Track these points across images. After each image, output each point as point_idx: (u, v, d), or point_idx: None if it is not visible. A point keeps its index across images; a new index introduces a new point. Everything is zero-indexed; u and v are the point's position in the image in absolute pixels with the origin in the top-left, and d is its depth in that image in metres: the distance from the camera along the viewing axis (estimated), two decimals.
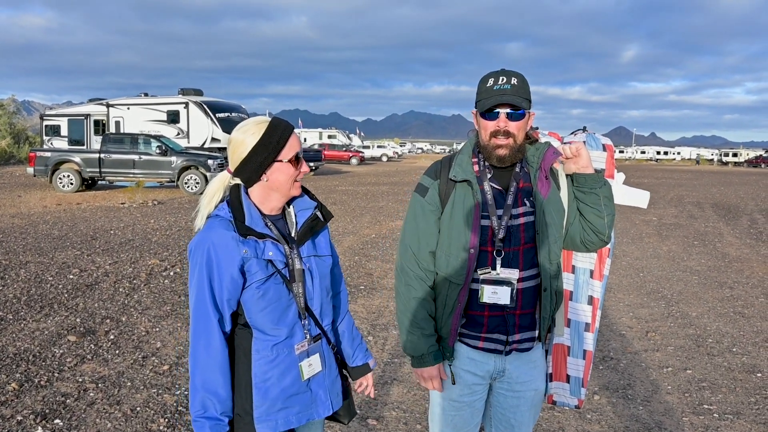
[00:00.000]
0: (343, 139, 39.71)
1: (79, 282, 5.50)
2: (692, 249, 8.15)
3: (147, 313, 4.63)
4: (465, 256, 1.56)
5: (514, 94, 1.53)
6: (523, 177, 1.61)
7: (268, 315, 1.39)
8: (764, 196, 16.97)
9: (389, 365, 3.70)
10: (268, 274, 1.38)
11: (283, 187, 1.43)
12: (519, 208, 1.59)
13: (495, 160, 1.57)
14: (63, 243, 7.40)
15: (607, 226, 1.62)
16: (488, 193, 1.58)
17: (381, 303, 5.12)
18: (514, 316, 1.60)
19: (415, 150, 79.04)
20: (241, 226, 1.37)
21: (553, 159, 1.60)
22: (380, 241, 8.15)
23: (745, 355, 4.01)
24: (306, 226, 1.48)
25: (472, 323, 1.62)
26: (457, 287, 1.59)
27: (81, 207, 11.28)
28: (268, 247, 1.39)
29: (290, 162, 1.42)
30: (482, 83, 1.59)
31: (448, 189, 1.62)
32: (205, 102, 17.92)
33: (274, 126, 1.41)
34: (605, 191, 1.62)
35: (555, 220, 1.60)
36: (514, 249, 1.57)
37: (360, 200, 13.32)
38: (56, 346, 3.88)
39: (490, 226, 1.56)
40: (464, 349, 1.65)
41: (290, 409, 1.45)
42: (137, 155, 14.27)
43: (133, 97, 19.26)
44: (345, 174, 23.91)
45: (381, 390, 3.35)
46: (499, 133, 1.54)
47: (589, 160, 1.61)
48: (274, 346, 1.41)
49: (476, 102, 1.60)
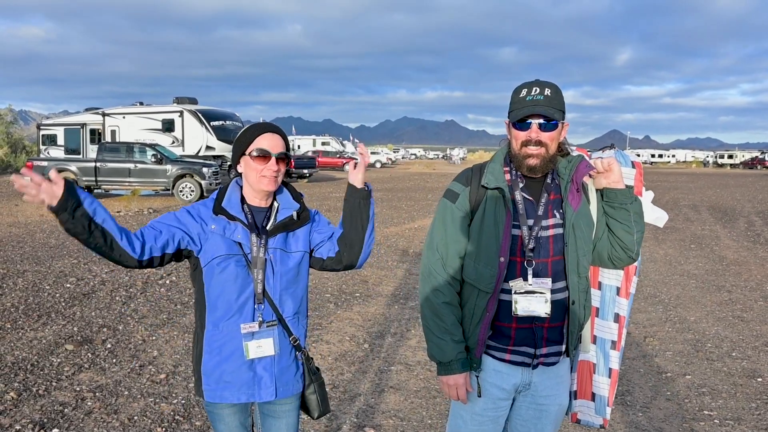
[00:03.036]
0: (337, 145, 39.78)
1: (76, 291, 5.48)
2: (689, 252, 8.18)
3: (143, 322, 4.61)
4: (494, 264, 1.55)
5: (547, 105, 1.53)
6: (554, 189, 1.61)
7: (222, 290, 1.56)
8: (761, 198, 17.05)
9: (386, 373, 3.70)
10: (231, 254, 1.56)
11: (249, 178, 1.60)
12: (549, 219, 1.58)
13: (526, 169, 1.57)
14: (60, 252, 7.37)
15: (636, 242, 1.61)
16: (519, 203, 1.58)
17: (376, 310, 5.11)
18: (543, 329, 1.58)
19: (408, 156, 79.21)
20: (217, 206, 1.58)
21: (585, 172, 1.59)
22: (375, 248, 8.15)
23: (745, 360, 4.02)
24: (281, 223, 1.63)
25: (499, 335, 1.60)
26: (485, 296, 1.57)
27: None
28: (238, 230, 1.57)
29: (253, 157, 1.58)
30: (515, 94, 1.59)
31: (479, 196, 1.62)
32: (199, 110, 17.95)
33: (254, 126, 1.63)
34: (636, 207, 1.61)
35: (584, 233, 1.59)
36: (542, 260, 1.56)
37: None
38: (54, 355, 3.86)
39: (520, 235, 1.56)
40: (490, 362, 1.62)
41: (230, 384, 1.60)
42: (133, 164, 14.27)
43: (128, 106, 19.29)
44: (339, 181, 23.92)
45: (378, 398, 3.34)
46: (531, 142, 1.54)
47: (621, 175, 1.60)
48: (223, 323, 1.58)
49: (509, 112, 1.61)
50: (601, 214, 1.64)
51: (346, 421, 3.04)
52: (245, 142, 1.60)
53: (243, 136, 1.62)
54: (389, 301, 5.39)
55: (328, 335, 4.41)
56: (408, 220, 11.22)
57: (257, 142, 1.59)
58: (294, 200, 1.68)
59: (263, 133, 1.60)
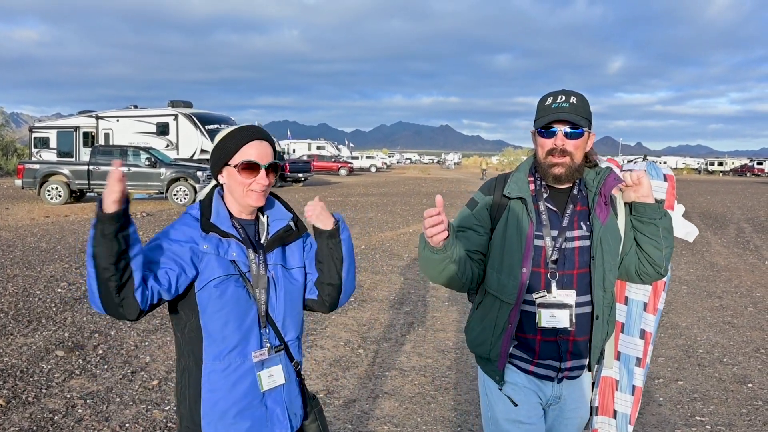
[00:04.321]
0: (332, 150, 39.79)
1: (68, 296, 5.42)
2: (681, 258, 8.25)
3: (136, 327, 4.57)
4: (517, 274, 1.52)
5: (572, 112, 1.50)
6: (581, 200, 1.57)
7: (223, 317, 1.33)
8: (750, 205, 17.25)
9: (380, 378, 3.69)
10: (228, 274, 1.34)
11: (234, 192, 1.40)
12: (574, 231, 1.54)
13: (551, 178, 1.54)
14: (51, 256, 7.30)
15: (665, 258, 1.57)
16: (543, 213, 1.54)
17: (371, 315, 5.11)
18: (568, 342, 1.54)
19: (403, 160, 79.40)
20: (206, 222, 1.36)
21: (614, 185, 1.55)
22: (370, 253, 8.15)
23: (736, 366, 4.05)
24: (277, 235, 1.44)
25: (524, 347, 1.57)
26: (508, 307, 1.54)
27: (69, 219, 11.15)
28: (232, 248, 1.36)
29: (239, 169, 1.36)
30: (541, 102, 1.57)
31: (501, 205, 1.58)
32: (194, 114, 17.91)
33: (238, 131, 1.41)
34: (665, 223, 1.56)
35: (611, 247, 1.54)
36: (567, 272, 1.53)
37: (349, 211, 13.32)
38: (44, 361, 3.82)
39: (543, 246, 1.52)
40: (516, 372, 1.60)
41: (241, 425, 1.35)
42: (126, 167, 14.17)
43: (122, 109, 19.20)
44: (334, 185, 23.92)
45: (372, 404, 3.33)
46: (556, 151, 1.51)
47: (650, 189, 1.55)
48: (227, 354, 1.34)
49: (535, 120, 1.58)
50: (629, 228, 1.60)
51: (341, 427, 3.02)
52: (229, 151, 1.38)
53: (226, 142, 1.39)
54: (384, 306, 5.39)
55: (322, 340, 4.40)
56: (403, 225, 11.22)
57: (244, 151, 1.37)
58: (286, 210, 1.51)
59: (251, 141, 1.38)
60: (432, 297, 5.76)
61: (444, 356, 4.11)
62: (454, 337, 4.54)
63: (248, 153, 1.38)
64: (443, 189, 22.42)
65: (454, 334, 4.60)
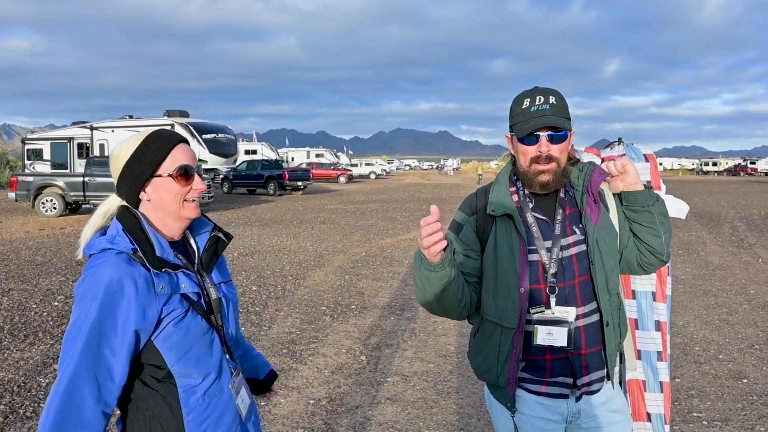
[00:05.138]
0: (331, 157, 39.84)
1: (65, 309, 5.38)
2: (677, 258, 8.29)
3: None
4: (515, 296, 1.40)
5: (555, 115, 1.39)
6: (569, 202, 1.46)
7: (193, 357, 1.19)
8: (744, 204, 17.38)
9: (382, 385, 3.68)
10: (185, 310, 1.18)
11: (169, 207, 1.21)
12: (569, 237, 1.43)
13: (537, 187, 1.42)
14: (47, 269, 7.25)
15: (665, 244, 1.47)
16: (532, 225, 1.43)
17: (373, 322, 5.10)
18: (580, 357, 1.43)
19: (402, 167, 79.57)
20: (153, 257, 1.14)
21: (600, 180, 1.45)
22: (371, 260, 8.14)
23: (731, 362, 4.07)
24: (209, 251, 1.29)
25: (534, 368, 1.45)
26: (509, 332, 1.42)
27: (65, 232, 11.09)
28: (181, 280, 1.19)
29: (173, 177, 1.20)
30: (516, 104, 1.44)
31: (486, 225, 1.47)
32: (191, 123, 17.91)
33: (154, 136, 1.22)
34: (659, 207, 1.46)
35: (609, 247, 1.44)
36: (569, 283, 1.42)
37: (349, 218, 13.32)
38: (42, 375, 3.78)
39: (539, 260, 1.41)
40: (526, 396, 1.47)
41: None
42: None
43: (117, 119, 19.17)
44: (333, 192, 23.93)
45: (375, 410, 3.32)
46: (541, 158, 1.39)
47: (638, 175, 1.46)
48: (205, 393, 1.21)
49: (511, 125, 1.46)
50: (623, 220, 1.49)
51: None
52: (155, 160, 1.19)
53: (146, 152, 1.20)
54: (385, 313, 5.38)
55: (324, 348, 4.38)
56: (403, 231, 11.23)
57: (174, 156, 1.21)
58: (205, 219, 1.34)
59: (177, 145, 1.22)
60: None
61: (446, 361, 4.11)
62: (456, 341, 4.54)
63: (180, 158, 1.22)
64: (443, 195, 22.48)
65: (455, 339, 4.60)
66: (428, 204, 17.53)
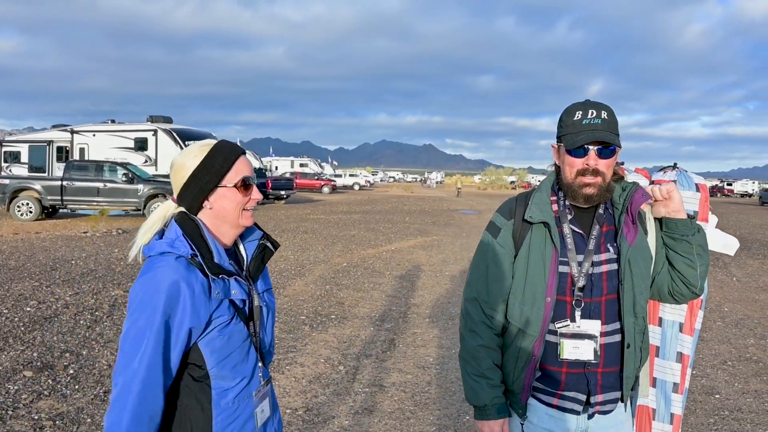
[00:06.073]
0: (315, 167, 39.80)
1: (37, 314, 5.25)
2: None
3: (110, 346, 4.45)
4: (541, 305, 1.42)
5: (606, 130, 1.38)
6: (607, 220, 1.45)
7: (231, 362, 1.23)
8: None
9: (360, 395, 3.67)
10: (230, 317, 1.23)
11: (230, 215, 1.26)
12: (602, 254, 1.43)
13: (582, 199, 1.42)
14: (20, 274, 7.06)
15: (699, 277, 1.45)
16: (568, 237, 1.43)
17: (352, 332, 5.09)
18: (596, 374, 1.42)
19: (387, 179, 79.86)
20: (211, 263, 1.20)
21: (641, 201, 1.43)
22: (352, 270, 8.14)
23: (704, 378, 4.16)
24: (256, 259, 1.34)
25: (549, 379, 1.46)
26: (531, 339, 1.44)
27: (40, 236, 10.82)
28: (232, 286, 1.23)
29: (237, 187, 1.26)
30: (568, 116, 1.43)
31: (523, 230, 1.47)
32: (174, 129, 17.75)
33: (219, 148, 1.27)
34: (699, 239, 1.44)
35: (641, 269, 1.43)
36: (595, 300, 1.42)
37: (332, 229, 13.30)
38: (11, 382, 3.67)
39: (569, 273, 1.41)
40: (537, 406, 1.48)
41: None
42: (102, 183, 13.91)
43: (99, 123, 18.90)
44: (317, 202, 23.88)
45: (352, 420, 3.31)
46: (588, 171, 1.39)
47: (682, 203, 1.45)
48: (236, 397, 1.25)
49: (560, 135, 1.45)
50: (660, 246, 1.48)
51: None
52: (222, 170, 1.25)
53: (212, 162, 1.25)
54: (365, 323, 5.37)
55: (302, 357, 4.36)
56: (385, 242, 11.25)
57: (237, 168, 1.27)
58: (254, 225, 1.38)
59: (240, 157, 1.29)
60: (413, 314, 5.78)
61: (424, 372, 4.12)
62: (435, 353, 4.56)
63: (242, 169, 1.28)
64: (425, 207, 22.61)
65: (435, 350, 4.62)
66: (411, 216, 17.63)
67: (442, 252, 10.08)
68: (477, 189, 55.27)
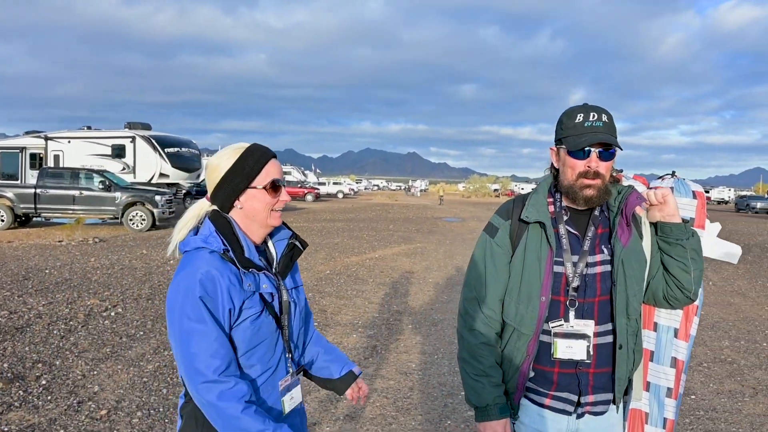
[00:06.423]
0: (299, 175, 39.65)
1: (8, 325, 5.07)
2: None
3: (84, 356, 4.33)
4: (536, 304, 1.44)
5: (607, 132, 1.42)
6: (602, 222, 1.48)
7: (258, 352, 1.31)
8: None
9: (342, 401, 3.65)
10: (260, 309, 1.31)
11: (259, 215, 1.35)
12: (596, 255, 1.46)
13: (582, 201, 1.44)
14: None
15: (693, 282, 1.47)
16: (563, 237, 1.46)
17: (334, 339, 5.06)
18: (588, 375, 1.45)
19: (371, 187, 79.92)
20: (242, 257, 1.29)
21: (635, 204, 1.46)
22: (335, 278, 8.11)
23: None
24: (286, 257, 1.42)
25: (541, 379, 1.48)
26: (526, 338, 1.46)
27: (12, 245, 10.50)
28: (262, 280, 1.33)
29: (266, 189, 1.34)
30: (568, 118, 1.46)
31: (519, 230, 1.50)
32: (153, 136, 17.50)
33: (251, 151, 1.35)
34: (693, 243, 1.46)
35: (635, 271, 1.46)
36: (589, 300, 1.44)
37: (315, 236, 13.24)
38: None
39: (563, 273, 1.44)
40: (529, 406, 1.50)
41: None
42: (77, 190, 13.58)
43: (74, 130, 18.51)
44: (300, 210, 23.75)
45: (333, 426, 3.28)
46: (589, 173, 1.42)
47: (677, 208, 1.47)
48: (261, 386, 1.33)
49: (561, 138, 1.47)
50: (655, 250, 1.50)
51: None
52: (253, 172, 1.33)
53: (244, 164, 1.33)
54: (347, 330, 5.35)
55: None
56: (369, 250, 11.24)
57: (268, 170, 1.35)
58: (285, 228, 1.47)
59: (270, 159, 1.36)
60: (396, 321, 5.77)
61: (406, 378, 4.12)
62: (418, 359, 4.56)
63: (272, 172, 1.36)
64: (410, 215, 22.69)
65: (417, 356, 4.62)
66: (395, 224, 17.67)
67: (425, 259, 10.12)
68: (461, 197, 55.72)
